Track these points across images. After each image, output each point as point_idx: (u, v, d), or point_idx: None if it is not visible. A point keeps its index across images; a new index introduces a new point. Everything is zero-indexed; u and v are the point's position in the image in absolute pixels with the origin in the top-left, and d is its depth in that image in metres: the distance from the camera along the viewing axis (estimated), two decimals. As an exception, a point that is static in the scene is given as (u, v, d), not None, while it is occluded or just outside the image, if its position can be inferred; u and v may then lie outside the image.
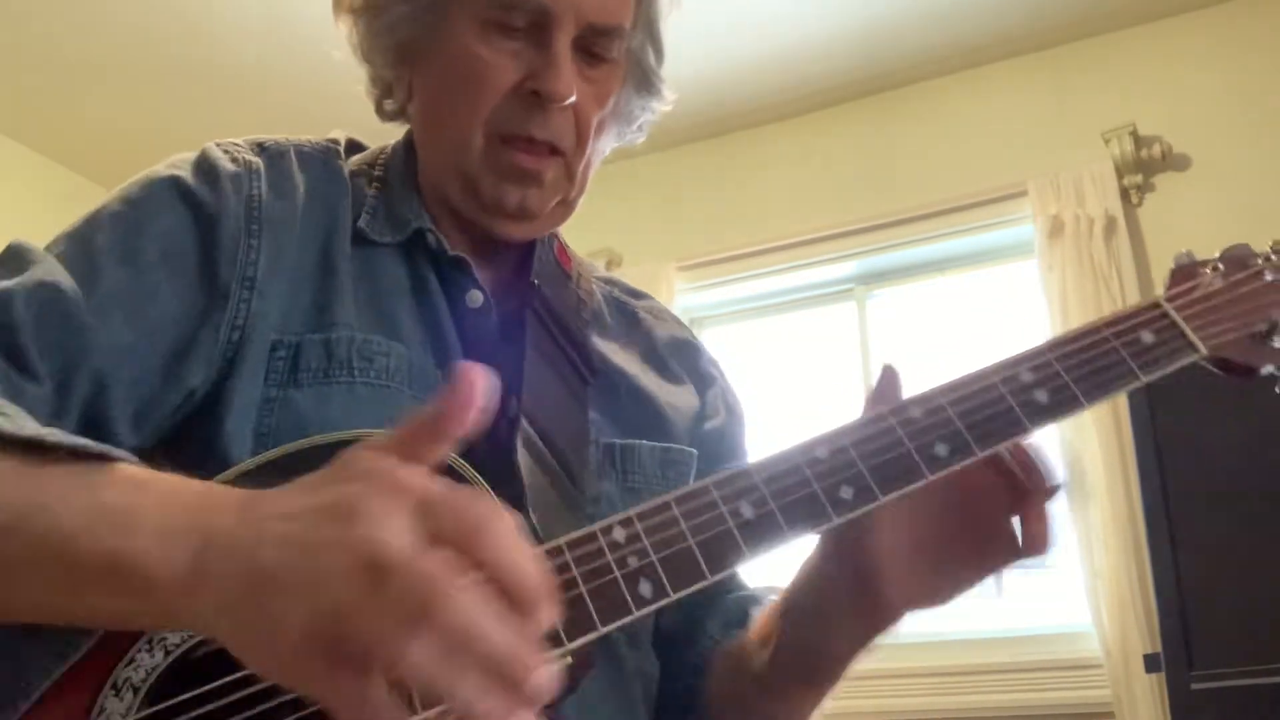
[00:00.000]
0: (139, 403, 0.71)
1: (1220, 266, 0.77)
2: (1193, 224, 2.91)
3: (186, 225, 0.76)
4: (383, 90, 0.90)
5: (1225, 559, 2.20)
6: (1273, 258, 0.77)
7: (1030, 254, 3.06)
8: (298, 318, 0.77)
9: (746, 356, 3.59)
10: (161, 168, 0.80)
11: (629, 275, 3.54)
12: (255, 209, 0.78)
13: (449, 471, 0.64)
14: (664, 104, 0.95)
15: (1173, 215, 2.99)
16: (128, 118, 3.53)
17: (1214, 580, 2.20)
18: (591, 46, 0.83)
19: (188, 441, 0.73)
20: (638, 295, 1.02)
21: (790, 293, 3.56)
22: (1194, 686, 2.15)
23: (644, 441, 0.87)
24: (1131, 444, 2.48)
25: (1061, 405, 0.68)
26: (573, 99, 0.82)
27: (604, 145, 0.91)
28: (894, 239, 3.31)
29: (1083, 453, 2.79)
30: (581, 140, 0.85)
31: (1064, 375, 0.69)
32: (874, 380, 0.72)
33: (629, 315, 0.99)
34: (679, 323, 1.02)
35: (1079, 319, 2.87)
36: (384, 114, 0.92)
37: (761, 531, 0.63)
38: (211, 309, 0.74)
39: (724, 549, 0.62)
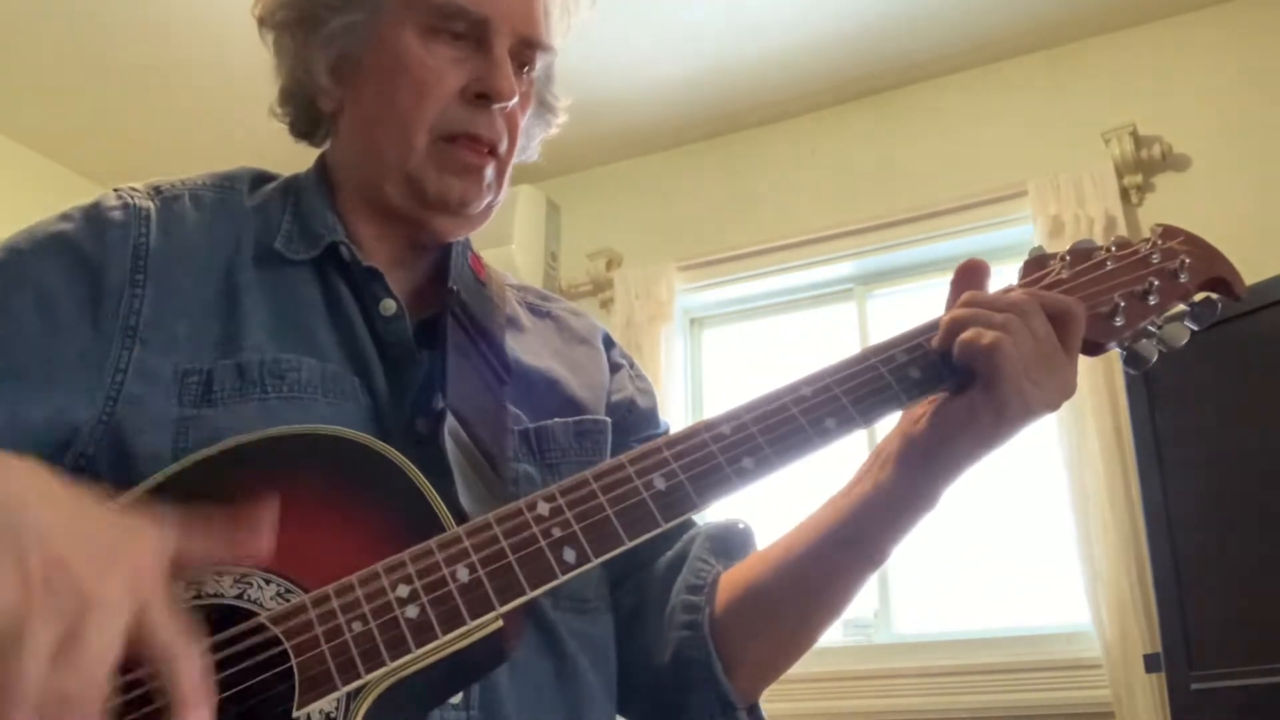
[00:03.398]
0: (9, 432, 0.73)
1: (1067, 258, 0.86)
2: (1192, 224, 2.88)
3: (66, 276, 0.79)
4: (298, 107, 0.94)
5: (1225, 559, 2.20)
6: (1113, 249, 0.87)
7: (1030, 254, 3.06)
8: (208, 348, 0.80)
9: (746, 356, 3.59)
10: (53, 219, 0.84)
11: (629, 275, 3.56)
12: (141, 258, 0.82)
13: (384, 464, 0.69)
14: (555, 125, 1.02)
15: (1173, 215, 2.96)
16: (128, 118, 3.53)
17: (1214, 580, 2.20)
18: (521, 57, 0.91)
19: (105, 466, 0.76)
20: (549, 299, 1.07)
21: (790, 293, 3.56)
22: (1194, 686, 2.15)
23: (556, 420, 0.91)
24: (1131, 444, 2.48)
25: (931, 380, 0.77)
26: (515, 100, 0.88)
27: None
28: (894, 239, 3.31)
29: (1083, 453, 2.79)
30: (513, 143, 0.92)
31: (934, 354, 0.78)
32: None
33: (542, 315, 1.04)
34: (592, 320, 1.08)
35: (1079, 319, 2.87)
36: (297, 132, 0.96)
37: (673, 500, 0.70)
38: (92, 351, 0.77)
39: (640, 517, 0.69)
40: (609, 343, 1.05)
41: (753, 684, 0.87)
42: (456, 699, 0.74)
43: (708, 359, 3.66)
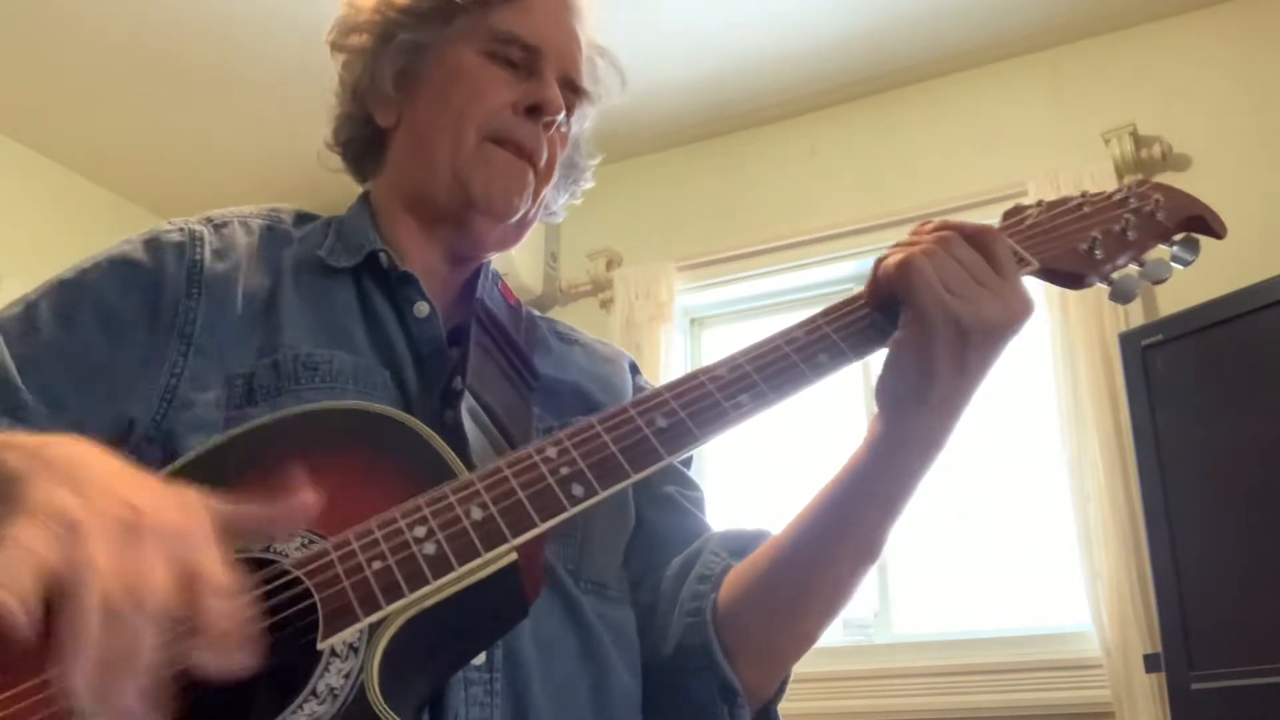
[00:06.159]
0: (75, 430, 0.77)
1: (1042, 202, 0.91)
2: (1193, 224, 2.90)
3: (127, 290, 0.87)
4: (355, 128, 1.02)
5: (1225, 559, 2.20)
6: (1087, 195, 0.91)
7: (1030, 254, 3.06)
8: (252, 354, 0.86)
9: (746, 356, 3.59)
10: (116, 244, 0.91)
11: (629, 275, 3.56)
12: (196, 273, 0.88)
13: (402, 430, 0.73)
14: (580, 193, 1.12)
15: (1173, 215, 2.98)
16: (131, 120, 3.53)
17: (1214, 580, 2.20)
18: (563, 97, 0.98)
19: (154, 465, 0.79)
20: (575, 331, 1.13)
21: (790, 293, 3.56)
22: (1194, 686, 2.15)
23: (581, 418, 0.92)
24: (1131, 444, 2.48)
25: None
26: (562, 114, 0.96)
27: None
28: (894, 239, 3.28)
29: (1083, 453, 2.79)
30: (550, 166, 0.99)
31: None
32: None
33: (570, 342, 1.09)
34: (618, 349, 1.13)
35: (1079, 318, 2.87)
36: (349, 157, 1.04)
37: (675, 435, 0.73)
38: (150, 358, 0.84)
39: (643, 452, 0.72)
40: (634, 369, 1.10)
41: (759, 673, 0.88)
42: (480, 660, 0.76)
43: (708, 359, 3.65)
